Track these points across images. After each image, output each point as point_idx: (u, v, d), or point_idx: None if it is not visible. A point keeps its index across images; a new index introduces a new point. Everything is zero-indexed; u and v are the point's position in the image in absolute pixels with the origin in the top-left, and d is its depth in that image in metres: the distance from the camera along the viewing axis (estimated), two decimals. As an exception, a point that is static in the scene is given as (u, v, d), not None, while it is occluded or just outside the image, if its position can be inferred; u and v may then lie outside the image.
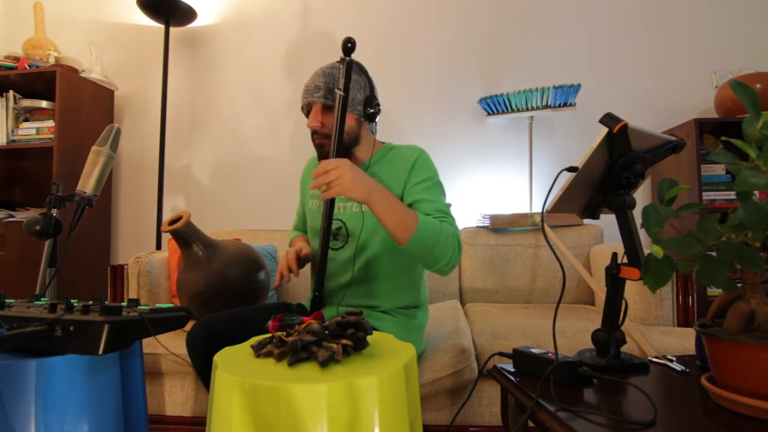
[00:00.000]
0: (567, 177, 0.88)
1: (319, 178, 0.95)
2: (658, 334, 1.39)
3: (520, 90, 2.03)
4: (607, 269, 0.90)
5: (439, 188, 1.17)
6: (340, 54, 1.13)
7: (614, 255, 0.91)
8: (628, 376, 0.84)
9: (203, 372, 1.04)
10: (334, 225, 1.23)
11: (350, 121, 1.16)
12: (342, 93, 1.07)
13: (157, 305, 1.05)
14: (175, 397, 1.49)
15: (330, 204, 1.13)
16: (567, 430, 0.63)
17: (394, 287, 1.21)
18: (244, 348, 0.88)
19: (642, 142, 0.90)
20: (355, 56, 2.37)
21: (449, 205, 1.15)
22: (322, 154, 1.18)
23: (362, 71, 1.18)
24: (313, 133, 1.16)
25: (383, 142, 1.28)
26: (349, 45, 1.05)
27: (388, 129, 2.34)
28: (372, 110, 1.17)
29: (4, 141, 2.24)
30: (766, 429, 0.60)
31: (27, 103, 2.26)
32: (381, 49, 2.38)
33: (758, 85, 1.83)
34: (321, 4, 2.43)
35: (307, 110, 1.19)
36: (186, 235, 1.36)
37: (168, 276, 1.80)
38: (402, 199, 1.15)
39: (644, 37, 2.26)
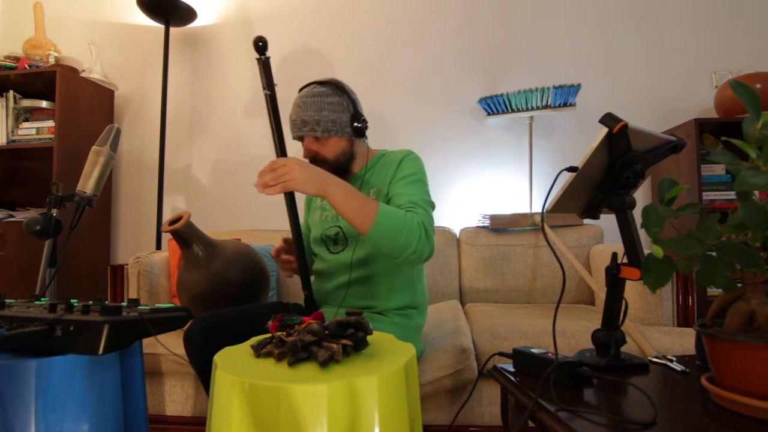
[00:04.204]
0: (567, 177, 0.88)
1: (265, 175, 0.95)
2: (658, 334, 1.39)
3: (520, 90, 2.03)
4: (607, 269, 0.90)
5: (419, 184, 1.16)
6: (339, 54, 1.15)
7: (614, 255, 0.91)
8: (628, 376, 0.84)
9: (201, 369, 1.05)
10: (333, 231, 1.26)
11: (342, 144, 1.20)
12: (268, 92, 1.09)
13: (157, 305, 1.05)
14: (175, 397, 1.49)
15: (290, 200, 1.15)
16: (567, 430, 0.63)
17: (391, 287, 1.22)
18: (244, 348, 0.88)
19: (642, 142, 0.90)
20: (354, 56, 2.39)
21: (428, 201, 1.13)
22: None
23: (343, 91, 1.19)
24: (311, 161, 1.20)
25: (377, 150, 1.31)
26: (260, 44, 1.07)
27: (389, 130, 2.34)
28: (359, 125, 1.19)
29: (4, 141, 2.23)
30: (766, 429, 0.60)
31: (27, 103, 2.26)
32: (380, 49, 2.38)
33: (758, 85, 1.83)
34: (320, 4, 2.43)
35: (299, 140, 1.22)
36: (186, 235, 1.36)
37: (168, 276, 1.80)
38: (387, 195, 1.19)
39: (644, 37, 2.26)
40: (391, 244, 0.99)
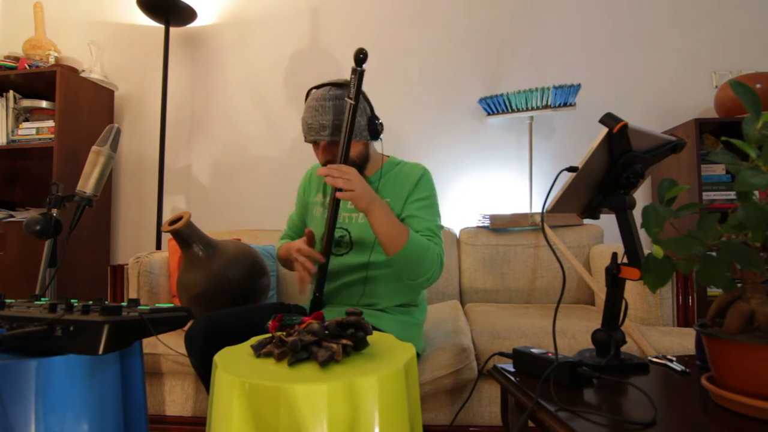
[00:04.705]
0: (567, 177, 0.88)
1: (336, 177, 1.01)
2: (658, 334, 1.39)
3: (520, 90, 2.03)
4: (607, 269, 0.90)
5: (434, 209, 1.22)
6: (339, 54, 1.15)
7: (614, 255, 0.91)
8: (628, 376, 0.84)
9: (202, 369, 1.05)
10: (338, 233, 1.26)
11: (359, 147, 1.19)
12: (352, 102, 1.09)
13: (157, 305, 1.05)
14: (175, 397, 1.49)
15: (335, 208, 1.14)
16: (567, 430, 0.63)
17: (393, 288, 1.23)
18: (244, 348, 0.88)
19: (642, 142, 0.90)
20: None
21: (440, 227, 1.21)
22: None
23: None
24: (326, 164, 1.17)
25: (388, 156, 1.31)
26: (361, 56, 1.07)
27: (389, 130, 2.34)
28: (376, 128, 1.20)
29: (4, 141, 2.23)
30: (766, 429, 0.60)
31: (27, 103, 2.26)
32: (380, 49, 2.37)
33: (758, 85, 1.83)
34: (320, 4, 2.43)
35: (313, 143, 1.21)
36: (186, 236, 1.36)
37: (168, 276, 1.80)
38: (401, 212, 1.21)
39: (644, 37, 2.26)
40: (412, 269, 1.08)
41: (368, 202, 1.04)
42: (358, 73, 1.08)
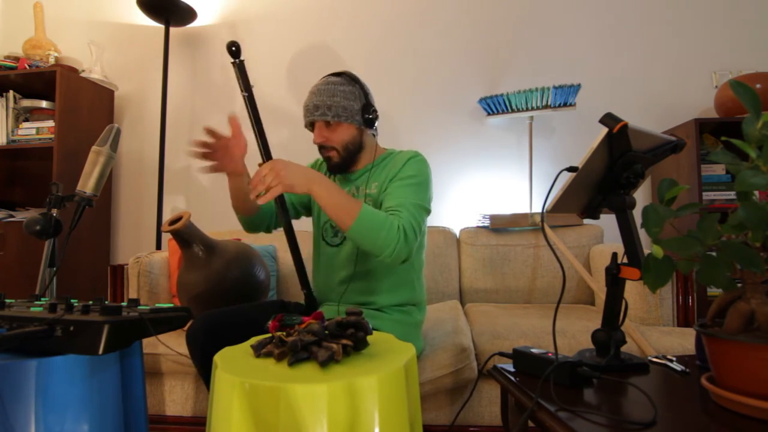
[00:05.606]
0: (567, 177, 0.88)
1: (258, 186, 1.00)
2: (658, 334, 1.39)
3: (520, 90, 2.03)
4: (607, 269, 0.90)
5: (416, 188, 1.14)
6: (339, 55, 1.16)
7: (614, 255, 0.91)
8: (628, 376, 0.84)
9: (203, 367, 1.06)
10: (333, 223, 1.26)
11: (351, 131, 1.22)
12: (245, 93, 1.15)
13: (157, 305, 1.05)
14: (175, 397, 1.49)
15: (281, 202, 1.17)
16: (567, 430, 0.63)
17: (391, 284, 1.23)
18: (244, 348, 0.88)
19: (642, 142, 0.90)
20: (354, 57, 2.39)
21: (419, 204, 1.11)
22: (330, 165, 1.25)
23: (354, 81, 1.23)
24: (320, 147, 1.24)
25: (386, 149, 1.32)
26: (234, 49, 1.12)
27: (389, 130, 2.34)
28: (370, 116, 1.22)
29: (4, 141, 2.23)
30: (766, 429, 0.60)
31: (27, 103, 2.26)
32: (380, 49, 2.38)
33: (758, 85, 1.83)
34: (320, 4, 2.43)
35: (310, 127, 1.26)
36: (186, 236, 1.36)
37: (168, 276, 1.80)
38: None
39: (644, 37, 2.26)
40: (370, 243, 1.03)
41: (305, 184, 1.02)
42: (237, 66, 1.12)
